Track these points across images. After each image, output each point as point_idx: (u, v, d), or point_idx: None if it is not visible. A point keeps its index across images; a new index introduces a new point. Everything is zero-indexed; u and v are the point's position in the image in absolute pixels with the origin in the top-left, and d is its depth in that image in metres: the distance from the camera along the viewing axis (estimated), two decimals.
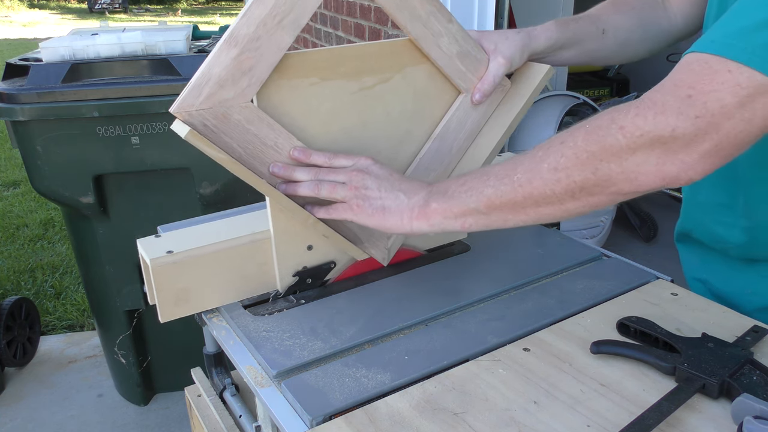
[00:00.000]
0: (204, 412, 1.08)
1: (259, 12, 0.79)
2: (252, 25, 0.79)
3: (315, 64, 0.87)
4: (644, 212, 3.46)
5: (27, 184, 4.54)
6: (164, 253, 0.89)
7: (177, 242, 0.92)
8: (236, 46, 0.79)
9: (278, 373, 0.80)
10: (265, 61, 0.81)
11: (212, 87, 0.79)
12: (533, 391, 0.75)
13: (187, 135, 0.78)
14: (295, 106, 0.88)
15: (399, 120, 0.97)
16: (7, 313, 2.41)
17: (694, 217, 1.03)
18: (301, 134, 0.89)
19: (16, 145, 1.87)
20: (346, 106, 0.92)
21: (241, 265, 0.94)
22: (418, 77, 0.96)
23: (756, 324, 0.85)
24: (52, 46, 1.90)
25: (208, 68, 0.79)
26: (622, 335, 0.85)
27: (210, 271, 0.92)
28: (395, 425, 0.70)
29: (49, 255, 3.52)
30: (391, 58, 0.93)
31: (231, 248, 0.93)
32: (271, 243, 0.94)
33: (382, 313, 0.93)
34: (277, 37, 0.81)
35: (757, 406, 0.66)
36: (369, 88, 0.93)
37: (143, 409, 2.29)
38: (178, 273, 0.90)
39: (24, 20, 15.48)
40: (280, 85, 0.85)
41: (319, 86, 0.89)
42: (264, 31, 0.80)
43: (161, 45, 1.97)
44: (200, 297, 0.93)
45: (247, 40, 0.79)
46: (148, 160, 1.88)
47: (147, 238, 0.94)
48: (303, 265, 0.97)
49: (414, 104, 0.98)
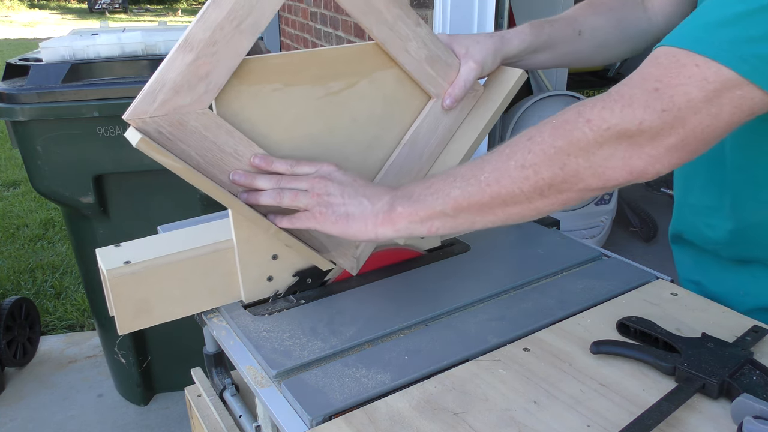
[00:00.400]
0: (204, 412, 1.08)
1: (216, 15, 0.77)
2: (208, 30, 0.77)
3: (277, 69, 0.85)
4: (644, 212, 3.46)
5: (27, 184, 4.54)
6: (121, 264, 0.86)
7: (136, 252, 0.89)
8: (191, 51, 0.77)
9: (278, 373, 0.80)
10: (222, 66, 0.79)
11: (167, 93, 0.77)
12: (533, 391, 0.75)
13: (139, 143, 0.75)
14: (257, 112, 0.86)
15: (367, 125, 0.95)
16: (7, 313, 2.40)
17: (686, 218, 1.03)
18: (264, 141, 0.87)
19: (16, 145, 1.87)
20: (311, 112, 0.90)
21: (203, 275, 0.92)
22: (387, 82, 0.95)
23: (756, 324, 0.85)
24: (53, 46, 1.90)
25: (163, 74, 0.76)
26: (622, 335, 0.85)
27: (170, 282, 0.90)
28: (395, 425, 0.70)
29: (49, 255, 3.52)
30: (358, 62, 0.91)
31: (192, 258, 0.90)
32: (235, 253, 0.92)
33: (382, 313, 0.93)
34: (235, 41, 0.78)
35: (757, 406, 0.66)
36: (335, 94, 0.91)
37: (143, 409, 2.29)
38: (136, 284, 0.87)
39: (24, 20, 15.49)
40: (240, 91, 0.83)
41: (282, 92, 0.86)
42: (221, 35, 0.77)
43: (161, 45, 1.97)
44: (161, 308, 0.91)
45: (203, 45, 0.77)
46: (148, 160, 1.85)
47: (107, 248, 0.91)
48: (269, 275, 0.95)
49: (383, 109, 0.96)
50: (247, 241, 0.92)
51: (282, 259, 0.95)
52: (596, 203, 3.09)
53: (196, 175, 0.80)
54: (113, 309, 0.88)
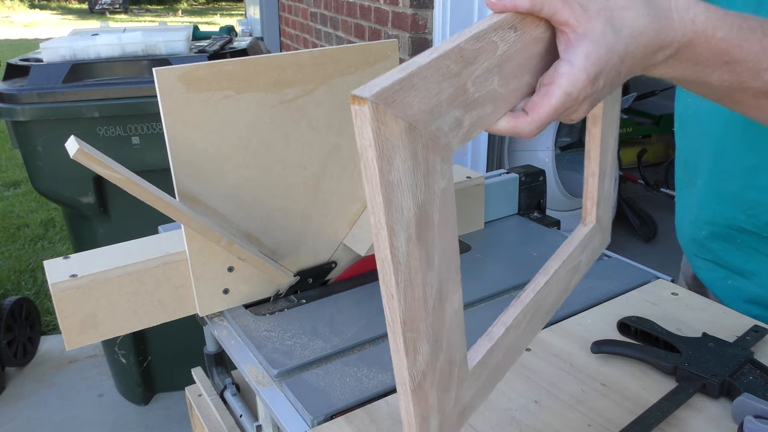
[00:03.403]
0: (205, 411, 1.08)
1: (418, 330, 0.49)
2: (424, 346, 0.49)
3: (228, 76, 0.83)
4: (644, 212, 3.46)
5: (27, 184, 4.54)
6: (67, 277, 0.84)
7: (83, 265, 0.87)
8: (427, 378, 0.51)
9: (279, 373, 0.80)
10: (456, 343, 0.53)
11: (438, 422, 0.53)
12: (534, 390, 0.75)
13: (76, 154, 0.71)
14: (209, 120, 0.83)
15: (325, 133, 0.93)
16: (7, 313, 2.41)
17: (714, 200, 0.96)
18: (217, 150, 0.85)
19: (16, 145, 1.88)
20: (265, 120, 0.87)
21: (154, 288, 0.89)
22: (346, 89, 0.92)
23: (756, 324, 0.85)
24: (53, 47, 1.90)
25: (421, 422, 0.51)
26: (622, 335, 0.85)
27: (119, 295, 0.87)
28: (396, 425, 0.70)
29: (49, 255, 3.52)
30: (314, 69, 0.89)
31: (141, 271, 0.88)
32: (188, 265, 0.89)
33: (383, 312, 0.92)
34: (448, 312, 0.52)
35: (758, 405, 0.66)
36: (291, 101, 0.88)
37: (143, 409, 2.29)
38: (82, 298, 0.84)
39: (25, 20, 15.49)
40: (190, 98, 0.81)
41: (234, 99, 0.84)
42: (436, 329, 0.51)
43: (161, 45, 1.97)
44: (109, 323, 0.88)
45: (431, 360, 0.50)
46: (148, 160, 1.88)
47: (55, 260, 0.89)
48: (224, 287, 0.93)
49: (340, 119, 0.93)
50: (201, 253, 0.88)
51: (238, 271, 0.93)
52: None
53: (139, 186, 0.77)
54: (59, 323, 0.85)
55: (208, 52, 1.96)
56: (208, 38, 2.37)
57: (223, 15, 16.15)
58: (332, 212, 0.98)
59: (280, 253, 0.95)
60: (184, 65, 0.80)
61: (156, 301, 0.90)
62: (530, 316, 0.61)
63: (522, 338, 0.60)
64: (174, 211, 0.81)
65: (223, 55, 2.03)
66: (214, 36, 2.42)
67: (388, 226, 0.41)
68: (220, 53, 2.02)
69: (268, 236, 0.93)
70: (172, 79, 0.80)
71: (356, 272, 1.04)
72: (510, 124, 0.52)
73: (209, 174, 0.86)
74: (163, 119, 0.80)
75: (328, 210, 0.98)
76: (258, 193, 0.91)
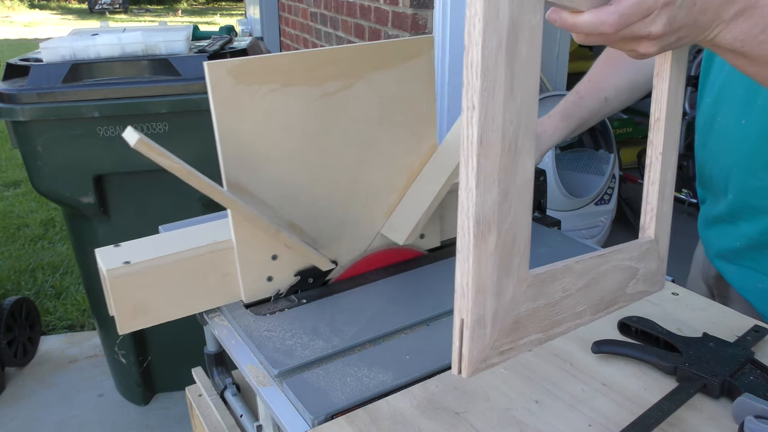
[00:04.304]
0: (205, 411, 1.08)
1: (491, 163, 0.50)
2: (493, 187, 0.51)
3: (275, 69, 0.85)
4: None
5: (27, 184, 4.54)
6: (121, 264, 0.86)
7: (135, 253, 0.89)
8: (492, 231, 0.52)
9: (280, 373, 0.80)
10: (522, 208, 0.54)
11: (492, 309, 0.55)
12: (535, 390, 0.75)
13: (137, 144, 0.74)
14: (256, 112, 0.86)
15: (363, 126, 0.96)
16: (7, 313, 2.41)
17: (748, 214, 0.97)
18: (263, 141, 0.87)
19: (16, 145, 1.87)
20: (308, 112, 0.90)
21: (202, 275, 0.92)
22: (384, 83, 0.95)
23: (757, 323, 0.85)
24: (53, 47, 1.90)
25: (477, 289, 0.52)
26: (623, 335, 0.85)
27: (169, 282, 0.90)
28: (397, 425, 0.70)
29: (49, 255, 3.52)
30: (354, 64, 0.91)
31: (191, 258, 0.90)
32: (234, 253, 0.92)
33: (383, 312, 0.93)
34: (520, 169, 0.53)
35: (759, 405, 0.66)
36: (332, 94, 0.91)
37: (143, 409, 2.29)
38: (135, 284, 0.87)
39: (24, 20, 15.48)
40: (238, 91, 0.83)
41: (280, 92, 0.87)
42: (508, 180, 0.52)
43: (161, 45, 1.97)
44: (160, 308, 0.91)
45: (497, 211, 0.52)
46: (148, 160, 1.87)
47: (106, 248, 0.91)
48: (268, 275, 0.95)
49: (379, 110, 0.96)
50: (247, 242, 0.91)
51: (282, 259, 0.95)
52: (596, 203, 3.10)
53: (194, 176, 0.80)
54: (113, 309, 0.88)
55: (208, 52, 1.96)
56: (208, 38, 2.37)
57: (223, 15, 16.15)
58: (370, 202, 1.01)
59: (320, 242, 0.98)
60: (234, 59, 0.83)
61: (203, 288, 0.93)
62: (584, 284, 0.62)
63: (573, 304, 0.61)
64: (227, 200, 0.83)
65: (223, 55, 2.03)
66: (214, 36, 2.42)
67: (484, 19, 0.45)
68: (220, 53, 2.02)
69: (310, 226, 0.96)
70: (222, 72, 0.82)
71: (356, 272, 1.04)
72: (593, 16, 0.55)
73: (256, 164, 0.89)
74: (212, 111, 0.82)
75: (366, 200, 1.01)
76: (301, 183, 0.94)
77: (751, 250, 1.00)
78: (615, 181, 3.17)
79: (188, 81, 1.85)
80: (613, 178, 3.15)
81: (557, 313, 0.60)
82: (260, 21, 4.81)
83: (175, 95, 1.83)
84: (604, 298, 0.65)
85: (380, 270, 1.05)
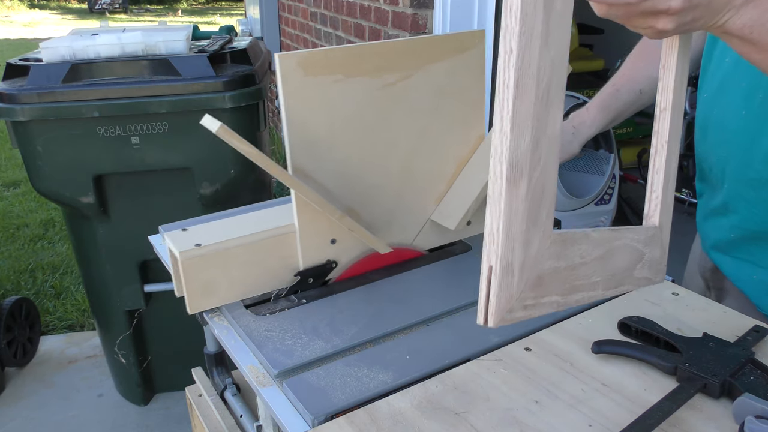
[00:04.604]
0: (205, 411, 1.08)
1: (525, 108, 0.52)
2: (527, 134, 0.53)
3: (339, 62, 0.89)
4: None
5: (27, 184, 4.54)
6: (192, 246, 0.90)
7: (204, 235, 0.94)
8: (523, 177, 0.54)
9: (280, 373, 0.80)
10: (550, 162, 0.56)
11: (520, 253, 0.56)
12: (535, 390, 0.75)
13: (218, 130, 0.78)
14: (321, 102, 0.90)
15: (418, 117, 1.00)
16: (7, 313, 2.40)
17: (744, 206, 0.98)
18: (327, 129, 0.91)
19: (16, 145, 1.87)
20: (368, 103, 0.94)
21: (265, 258, 0.96)
22: (438, 75, 0.99)
23: (757, 324, 0.85)
24: (53, 47, 1.90)
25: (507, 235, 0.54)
26: (623, 335, 0.85)
27: (236, 264, 0.94)
28: (397, 425, 0.70)
29: (49, 255, 3.52)
30: (412, 56, 0.96)
31: (257, 242, 0.94)
32: (296, 237, 0.96)
33: (383, 312, 0.93)
34: (551, 121, 0.55)
35: (759, 405, 0.66)
36: (391, 85, 0.95)
37: (143, 409, 2.28)
38: (205, 265, 0.92)
39: (24, 20, 15.48)
40: (306, 82, 0.87)
41: (343, 83, 0.91)
42: (539, 127, 0.54)
43: (161, 45, 1.96)
44: (226, 290, 0.95)
45: (530, 154, 0.54)
46: (148, 160, 1.88)
47: (174, 231, 0.96)
48: (326, 258, 0.99)
49: (433, 101, 1.00)
50: (308, 226, 0.96)
51: (340, 243, 0.99)
52: (596, 203, 3.09)
53: (269, 162, 0.84)
54: (183, 290, 0.92)
55: (208, 51, 1.96)
56: (208, 38, 2.37)
57: (222, 15, 16.15)
58: (421, 190, 1.06)
59: (375, 227, 1.02)
60: (301, 51, 0.87)
61: (265, 270, 0.97)
62: (599, 254, 0.65)
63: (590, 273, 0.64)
64: (298, 185, 0.88)
65: (222, 55, 2.03)
66: (213, 36, 2.42)
67: None
68: (219, 53, 2.01)
69: (366, 211, 1.01)
70: (292, 64, 0.86)
71: (356, 272, 1.04)
72: None
73: (320, 152, 0.93)
74: (282, 102, 0.86)
75: (418, 187, 1.05)
76: (359, 170, 0.98)
77: (746, 242, 1.01)
78: (615, 181, 3.17)
79: (188, 81, 1.85)
80: (614, 178, 3.15)
81: (576, 278, 0.62)
82: (260, 21, 4.81)
83: (175, 95, 1.83)
84: (616, 274, 0.68)
85: (380, 270, 1.05)
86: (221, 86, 1.85)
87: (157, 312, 2.14)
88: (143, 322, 2.17)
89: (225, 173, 1.93)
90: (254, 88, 1.91)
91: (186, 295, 0.92)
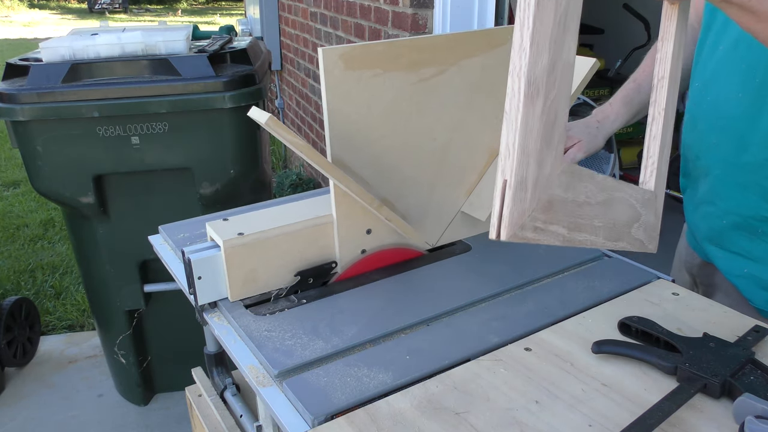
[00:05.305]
0: (205, 411, 1.08)
1: (545, 27, 0.55)
2: (545, 53, 0.55)
3: (378, 56, 0.91)
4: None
5: (27, 184, 4.54)
6: (235, 235, 0.92)
7: (245, 225, 0.96)
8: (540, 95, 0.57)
9: (280, 373, 0.80)
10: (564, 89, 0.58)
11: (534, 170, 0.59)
12: (535, 390, 0.75)
13: (268, 121, 0.79)
14: (360, 95, 0.92)
15: (453, 110, 1.02)
16: (7, 313, 2.40)
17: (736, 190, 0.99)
18: (365, 122, 0.93)
19: (16, 145, 1.87)
20: (405, 96, 0.96)
21: (304, 247, 0.98)
22: (473, 70, 1.01)
23: (757, 324, 0.85)
24: (52, 46, 1.90)
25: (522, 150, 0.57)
26: (623, 335, 0.85)
27: (276, 253, 0.96)
28: (397, 425, 0.70)
29: (49, 255, 3.52)
30: (447, 51, 0.97)
31: (297, 231, 0.97)
32: (334, 227, 0.98)
33: (383, 312, 0.93)
34: (566, 48, 0.57)
35: (759, 405, 0.66)
36: (426, 80, 0.97)
37: (143, 409, 2.28)
38: (247, 254, 0.93)
39: (24, 20, 15.48)
40: (347, 76, 0.89)
41: (381, 77, 0.92)
42: (556, 50, 0.56)
43: (161, 45, 1.96)
44: (266, 278, 0.97)
45: (546, 76, 0.56)
46: (148, 160, 1.88)
47: (215, 222, 0.98)
48: (362, 248, 1.02)
49: (467, 95, 1.02)
50: (346, 216, 0.98)
51: (375, 233, 1.02)
52: None
53: (314, 152, 0.85)
54: (225, 278, 0.94)
55: (208, 51, 1.96)
56: (208, 38, 2.37)
57: (222, 15, 16.15)
58: (454, 182, 1.08)
59: (409, 218, 1.04)
60: (343, 45, 0.88)
61: (303, 260, 1.00)
62: (603, 199, 0.68)
63: (593, 215, 0.66)
64: (340, 174, 0.90)
65: (222, 55, 2.03)
66: (213, 36, 2.42)
67: None
68: (219, 53, 2.01)
69: (401, 202, 1.03)
70: (334, 57, 0.88)
71: (356, 272, 1.04)
72: None
73: (358, 144, 0.96)
74: (324, 95, 0.88)
75: (451, 180, 1.07)
76: (395, 162, 1.01)
77: (737, 231, 1.01)
78: None
79: (188, 81, 1.84)
80: None
81: (580, 216, 0.64)
82: (260, 21, 4.81)
83: (174, 95, 1.83)
84: (616, 225, 0.70)
85: (380, 270, 1.05)
86: (221, 86, 1.85)
87: (157, 312, 2.14)
88: (143, 322, 2.17)
89: (225, 173, 1.93)
90: (254, 88, 1.91)
91: (228, 283, 0.94)
